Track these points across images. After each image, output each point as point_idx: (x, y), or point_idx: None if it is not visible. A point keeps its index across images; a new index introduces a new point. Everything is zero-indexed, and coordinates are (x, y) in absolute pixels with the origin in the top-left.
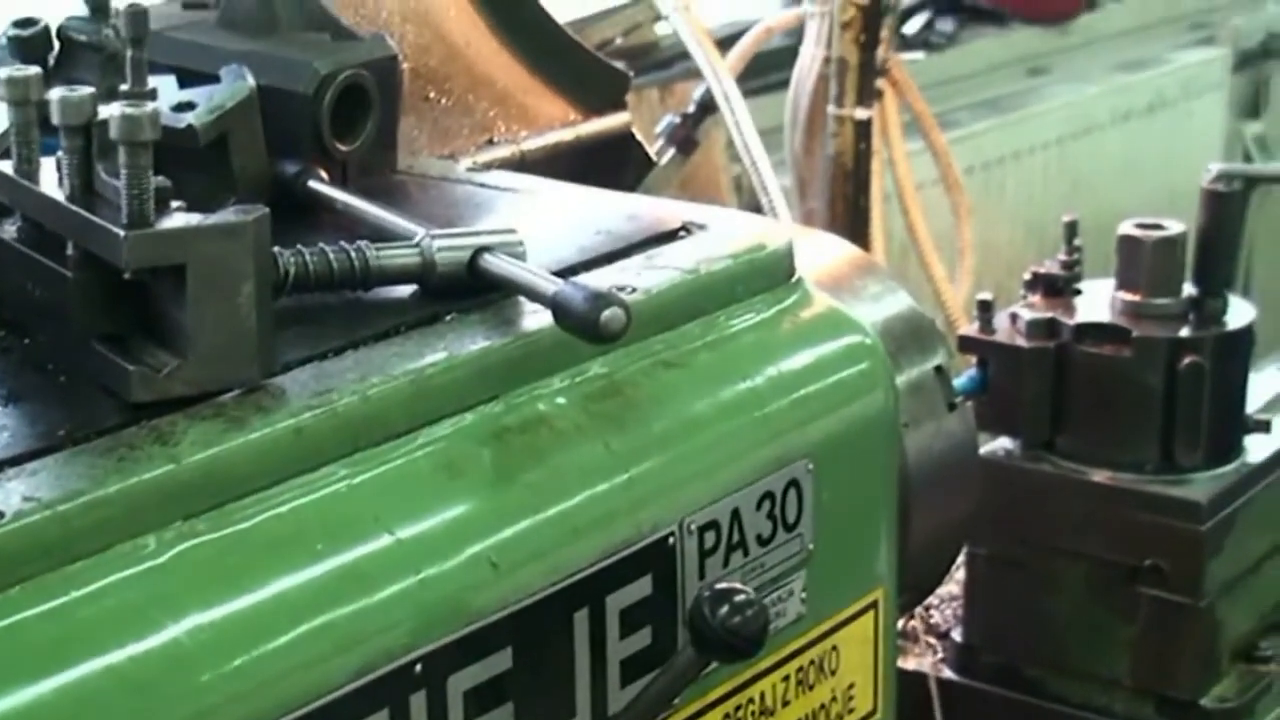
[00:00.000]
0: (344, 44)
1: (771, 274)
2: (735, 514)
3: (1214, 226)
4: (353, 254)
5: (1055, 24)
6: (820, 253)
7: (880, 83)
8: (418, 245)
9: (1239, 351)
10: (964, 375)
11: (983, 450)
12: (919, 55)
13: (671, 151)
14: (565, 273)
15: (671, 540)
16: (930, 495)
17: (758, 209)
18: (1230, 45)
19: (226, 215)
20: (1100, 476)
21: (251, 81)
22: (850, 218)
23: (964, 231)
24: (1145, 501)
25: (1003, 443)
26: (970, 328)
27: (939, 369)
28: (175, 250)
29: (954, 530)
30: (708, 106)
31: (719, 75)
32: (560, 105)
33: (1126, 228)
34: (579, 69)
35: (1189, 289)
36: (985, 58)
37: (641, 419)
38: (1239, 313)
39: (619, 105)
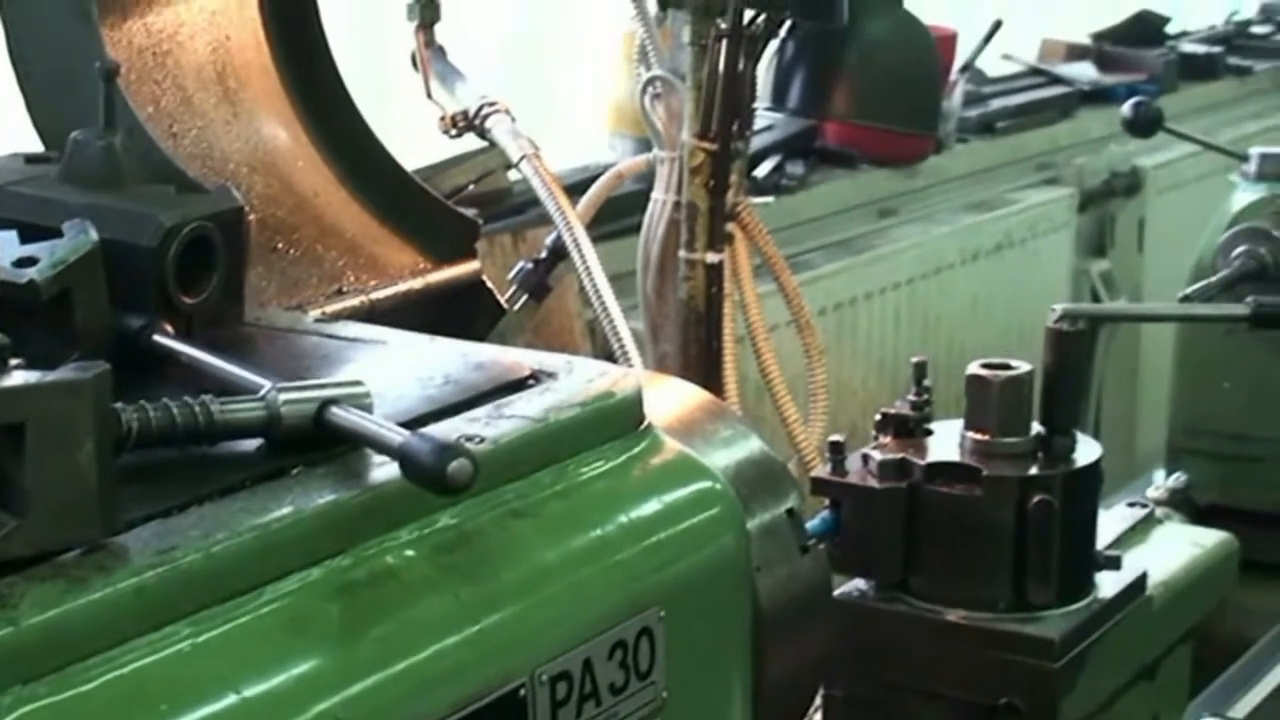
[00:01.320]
0: (189, 196)
1: (621, 421)
2: (587, 664)
3: (1060, 365)
4: (196, 409)
5: (904, 166)
6: (671, 398)
7: (731, 226)
8: (263, 399)
9: (1087, 489)
10: (817, 517)
11: (837, 592)
12: (769, 199)
13: (525, 298)
14: (413, 424)
15: (523, 692)
16: (785, 638)
17: (611, 354)
18: (1075, 185)
19: (66, 372)
20: (954, 616)
21: (95, 235)
22: (703, 361)
23: (817, 373)
24: (998, 640)
25: (857, 584)
26: (823, 470)
27: (791, 512)
28: (13, 409)
29: (810, 673)
30: (559, 252)
31: (569, 221)
32: (410, 254)
33: (974, 368)
34: (428, 217)
35: (1037, 428)
36: (836, 200)
37: (491, 570)
38: (1086, 450)
39: (469, 253)
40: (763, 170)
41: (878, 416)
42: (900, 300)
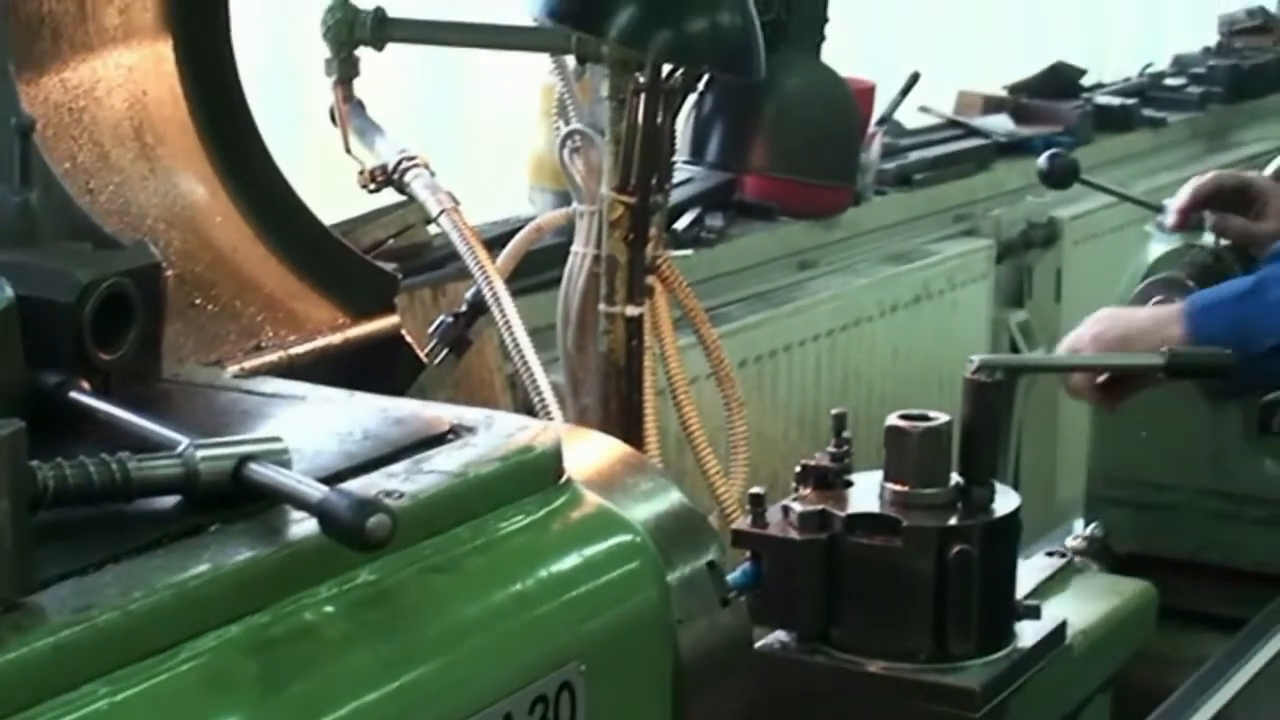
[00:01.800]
0: (106, 252)
1: (540, 475)
2: (508, 718)
3: (978, 416)
4: (114, 466)
5: (823, 219)
6: (591, 452)
7: (651, 279)
8: (180, 455)
9: (1006, 538)
10: (738, 570)
11: (758, 644)
12: (689, 252)
13: (445, 352)
14: (331, 480)
15: None
16: (706, 691)
17: (531, 408)
18: (992, 236)
19: None
20: (875, 667)
21: (10, 292)
22: (623, 415)
23: (737, 425)
24: (919, 690)
25: (778, 635)
26: (743, 522)
27: (712, 564)
28: None
29: None
30: (479, 306)
31: (489, 276)
32: (328, 309)
33: (893, 419)
34: (347, 272)
35: (956, 478)
36: (755, 252)
37: (411, 625)
38: (1005, 500)
39: (388, 307)
40: (682, 223)
41: (798, 468)
42: (820, 352)
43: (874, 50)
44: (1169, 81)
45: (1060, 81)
